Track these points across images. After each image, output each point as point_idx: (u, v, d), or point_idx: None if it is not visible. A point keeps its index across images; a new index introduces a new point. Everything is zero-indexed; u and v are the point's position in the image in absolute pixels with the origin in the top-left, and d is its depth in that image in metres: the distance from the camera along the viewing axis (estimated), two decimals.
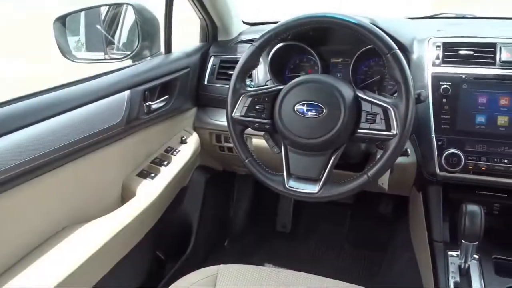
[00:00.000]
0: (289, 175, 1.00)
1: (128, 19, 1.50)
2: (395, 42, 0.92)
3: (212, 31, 1.57)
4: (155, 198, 1.21)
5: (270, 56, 1.30)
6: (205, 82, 1.49)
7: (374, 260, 1.78)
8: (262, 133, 1.09)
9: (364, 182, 0.94)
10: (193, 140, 1.45)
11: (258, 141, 1.36)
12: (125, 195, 1.25)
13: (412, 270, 1.34)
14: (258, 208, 2.02)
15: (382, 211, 1.92)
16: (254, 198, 1.98)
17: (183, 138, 1.42)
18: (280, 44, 1.28)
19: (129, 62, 1.38)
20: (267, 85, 1.21)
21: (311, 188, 0.97)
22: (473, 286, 1.02)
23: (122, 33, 1.56)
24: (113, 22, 1.54)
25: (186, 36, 1.66)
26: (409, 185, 1.38)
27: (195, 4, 1.44)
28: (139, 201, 1.18)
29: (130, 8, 1.39)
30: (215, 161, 1.74)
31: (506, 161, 1.08)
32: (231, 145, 1.48)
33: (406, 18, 1.58)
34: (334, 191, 0.96)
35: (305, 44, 1.27)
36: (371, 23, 0.95)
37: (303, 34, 1.18)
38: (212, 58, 1.50)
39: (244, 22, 1.68)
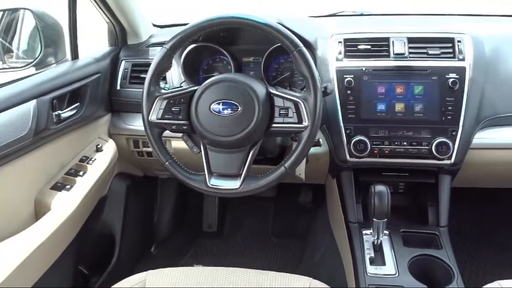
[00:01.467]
0: (210, 173, 1.01)
1: (28, 24, 1.42)
2: (300, 40, 0.98)
3: (121, 34, 1.54)
4: (73, 211, 1.16)
5: (182, 58, 1.31)
6: (118, 87, 1.46)
7: (299, 248, 1.87)
8: (180, 134, 1.10)
9: (282, 173, 0.98)
10: (109, 148, 1.41)
11: (177, 143, 1.36)
12: (39, 211, 1.18)
13: (333, 252, 1.43)
14: (183, 210, 2.01)
15: (302, 201, 2.01)
16: (178, 201, 1.97)
17: (99, 146, 1.37)
18: (192, 46, 1.29)
19: (32, 70, 1.30)
20: (182, 86, 1.22)
21: (233, 184, 1.00)
22: (385, 258, 1.12)
23: (22, 40, 1.46)
24: (9, 28, 1.44)
25: None
26: (324, 173, 1.47)
27: (100, 7, 1.40)
28: (54, 215, 1.12)
29: (28, 14, 1.31)
30: (134, 167, 1.70)
31: (405, 143, 1.20)
32: (150, 149, 1.46)
33: (310, 16, 1.67)
34: (254, 185, 1.00)
35: (217, 45, 1.30)
36: (277, 22, 0.99)
37: (214, 35, 1.20)
38: (123, 62, 1.47)
39: (154, 25, 1.66)
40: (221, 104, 0.98)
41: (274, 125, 0.99)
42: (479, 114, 1.19)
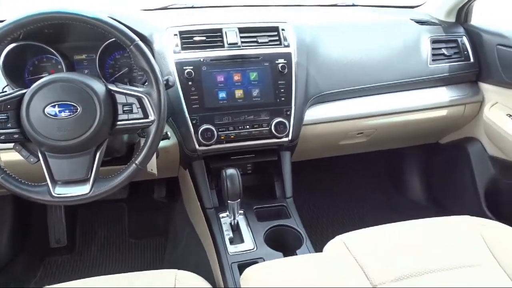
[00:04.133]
0: (54, 182, 0.94)
1: None
2: (135, 34, 0.96)
3: None
4: None
5: (1, 59, 1.16)
6: None
7: (161, 245, 1.85)
8: (11, 145, 0.98)
9: (134, 170, 0.97)
10: None
11: (9, 155, 1.21)
12: None
13: (195, 241, 1.47)
14: (24, 229, 1.80)
15: (157, 197, 1.99)
16: (17, 219, 1.76)
17: None
18: (12, 45, 1.16)
19: None
20: (6, 91, 1.09)
21: (82, 190, 0.94)
22: (243, 236, 1.20)
23: None
24: None
25: None
26: (176, 165, 1.48)
27: None
28: None
29: None
30: None
31: (248, 126, 1.28)
32: None
33: (142, 10, 1.64)
34: (106, 187, 0.96)
35: (42, 43, 1.19)
36: (109, 16, 0.96)
37: (38, 32, 1.10)
38: None
39: None
40: (56, 106, 0.91)
41: (119, 122, 0.96)
42: (307, 93, 1.34)
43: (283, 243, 1.22)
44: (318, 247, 1.17)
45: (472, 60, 1.56)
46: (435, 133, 1.78)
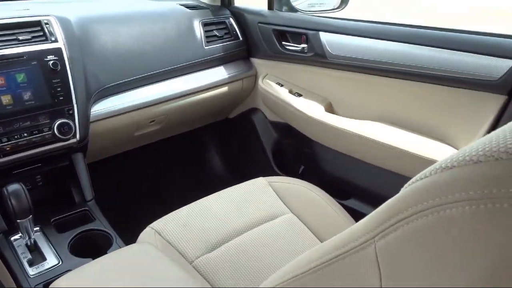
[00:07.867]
0: None
1: None
2: None
3: None
4: None
5: None
6: None
7: None
8: None
9: None
10: None
11: None
12: None
13: None
14: None
15: None
16: None
17: None
18: None
19: None
20: None
21: None
22: (45, 253, 1.09)
23: None
24: None
25: None
26: None
27: None
28: None
29: None
30: None
31: (26, 134, 1.15)
32: None
33: None
34: None
35: None
36: None
37: None
38: None
39: None
40: None
41: None
42: (88, 89, 1.27)
43: (93, 248, 1.16)
44: (133, 242, 1.15)
45: (241, 38, 1.72)
46: (223, 109, 1.91)
